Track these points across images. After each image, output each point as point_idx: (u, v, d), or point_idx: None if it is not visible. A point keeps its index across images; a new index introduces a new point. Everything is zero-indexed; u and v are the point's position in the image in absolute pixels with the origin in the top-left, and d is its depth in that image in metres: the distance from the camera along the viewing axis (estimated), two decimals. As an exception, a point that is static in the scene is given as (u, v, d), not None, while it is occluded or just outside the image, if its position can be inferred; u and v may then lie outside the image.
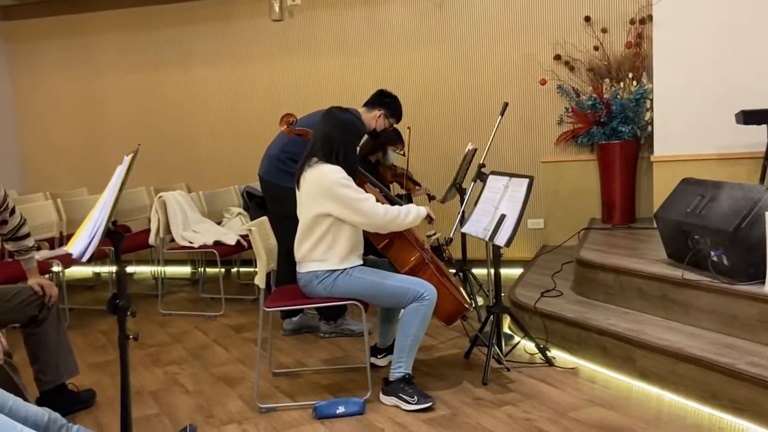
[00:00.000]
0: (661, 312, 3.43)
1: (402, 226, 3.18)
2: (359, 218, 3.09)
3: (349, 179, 3.11)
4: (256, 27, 6.33)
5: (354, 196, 3.07)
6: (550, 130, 5.68)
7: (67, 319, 4.64)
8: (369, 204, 3.08)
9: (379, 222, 3.11)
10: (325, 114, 3.30)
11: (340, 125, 3.22)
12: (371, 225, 3.13)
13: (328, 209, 3.08)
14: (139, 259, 6.39)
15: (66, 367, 3.13)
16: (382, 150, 4.67)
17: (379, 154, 4.69)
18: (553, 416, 2.88)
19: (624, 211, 5.21)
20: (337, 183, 3.07)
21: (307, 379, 3.52)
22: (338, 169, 3.11)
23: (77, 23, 6.77)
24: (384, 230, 3.18)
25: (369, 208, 3.08)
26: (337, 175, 3.09)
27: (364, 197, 3.09)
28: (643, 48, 5.23)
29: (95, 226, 1.99)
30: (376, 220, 3.10)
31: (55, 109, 6.94)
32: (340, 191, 3.05)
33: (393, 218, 3.13)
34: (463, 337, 3.97)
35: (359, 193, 3.09)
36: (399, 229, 3.19)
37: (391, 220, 3.12)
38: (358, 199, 3.07)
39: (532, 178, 3.33)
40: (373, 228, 3.16)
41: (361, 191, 3.12)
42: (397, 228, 3.18)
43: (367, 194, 3.12)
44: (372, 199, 3.10)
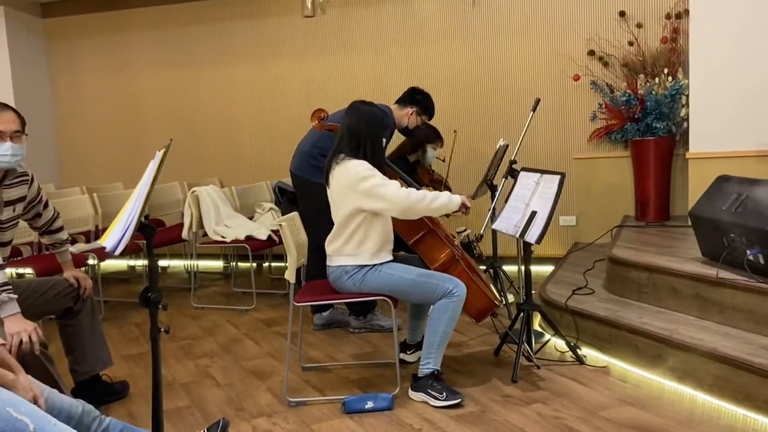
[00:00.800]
0: (695, 311, 3.37)
1: (429, 211, 3.08)
2: (383, 204, 3.03)
3: (373, 170, 3.08)
4: (288, 23, 6.37)
5: (376, 182, 3.03)
6: (582, 127, 5.61)
7: (102, 311, 4.73)
8: (391, 188, 3.02)
9: (404, 205, 3.02)
10: (349, 109, 3.28)
11: (364, 119, 3.20)
12: (396, 210, 3.04)
13: (357, 204, 3.08)
14: (173, 253, 6.49)
15: (100, 358, 3.19)
16: (421, 148, 4.64)
17: (419, 152, 4.66)
18: (584, 415, 2.85)
19: (658, 209, 5.13)
20: (360, 177, 3.05)
21: (336, 373, 3.53)
22: (362, 162, 3.10)
23: (114, 20, 6.88)
24: (411, 214, 3.09)
25: (391, 193, 3.02)
26: (360, 168, 3.07)
27: (386, 183, 3.04)
28: (679, 43, 5.13)
29: (128, 220, 2.02)
30: (399, 204, 3.01)
31: (92, 104, 7.07)
32: (364, 184, 3.04)
33: (417, 200, 3.03)
34: (492, 334, 3.95)
35: (382, 180, 3.05)
36: (427, 213, 3.10)
37: (416, 201, 3.02)
38: (379, 185, 3.02)
39: (563, 174, 3.29)
40: (399, 213, 3.06)
41: (385, 178, 3.07)
42: (424, 212, 3.08)
43: (389, 180, 3.07)
44: (395, 184, 3.05)
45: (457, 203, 3.14)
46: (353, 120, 3.20)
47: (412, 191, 3.06)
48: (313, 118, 3.82)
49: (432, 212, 3.12)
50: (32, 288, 3.01)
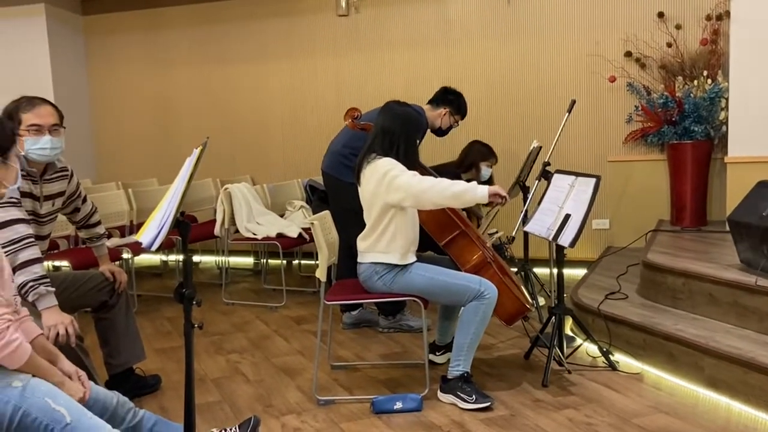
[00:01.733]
0: (732, 319, 3.30)
1: (444, 198, 2.93)
2: (399, 194, 2.97)
3: (394, 162, 3.05)
4: (322, 22, 6.39)
5: (394, 174, 2.99)
6: (618, 129, 5.54)
7: (135, 305, 4.80)
8: (404, 177, 2.96)
9: (413, 191, 2.93)
10: (383, 108, 3.27)
11: (398, 119, 3.18)
12: (410, 198, 2.96)
13: (386, 200, 3.07)
14: (205, 249, 6.56)
15: (134, 351, 3.24)
16: (475, 167, 4.62)
17: (473, 171, 4.63)
18: (616, 422, 2.81)
19: (695, 214, 5.04)
20: (383, 172, 3.03)
21: (365, 373, 3.53)
22: (390, 160, 3.07)
23: (151, 17, 6.97)
24: (424, 202, 2.97)
25: (404, 181, 2.95)
26: (387, 165, 3.05)
27: (400, 173, 2.98)
28: (719, 45, 5.04)
29: (164, 217, 2.04)
30: (410, 191, 2.94)
31: (128, 101, 7.17)
32: (385, 179, 3.02)
33: (429, 186, 2.91)
34: (523, 338, 3.91)
35: (399, 171, 3.00)
36: (442, 201, 2.95)
37: (428, 188, 2.91)
38: (395, 176, 2.98)
39: (599, 178, 3.25)
40: (413, 202, 2.98)
41: (402, 168, 3.02)
42: (438, 198, 2.94)
43: (404, 171, 3.00)
44: (409, 173, 2.98)
45: (483, 194, 2.94)
46: (387, 120, 3.19)
47: (426, 178, 2.97)
48: (347, 117, 3.82)
49: (447, 200, 2.95)
50: (69, 281, 3.06)
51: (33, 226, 2.83)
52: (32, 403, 1.88)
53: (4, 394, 1.88)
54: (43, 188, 2.94)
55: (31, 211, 2.89)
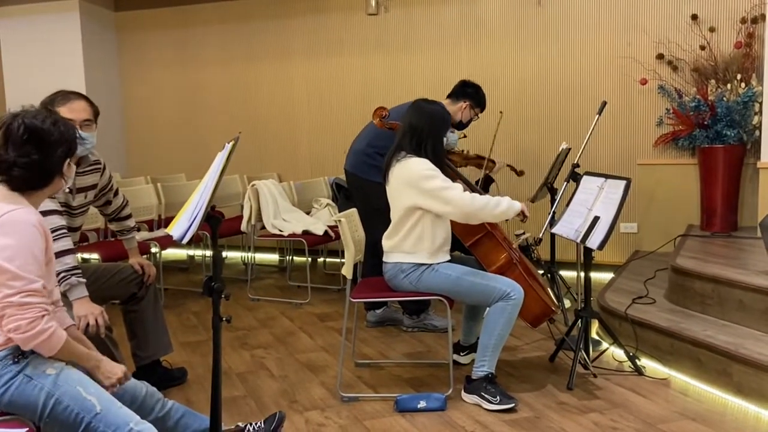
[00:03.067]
0: (763, 326, 3.25)
1: (493, 216, 3.07)
2: (447, 208, 3.03)
3: (435, 170, 3.08)
4: (351, 20, 6.40)
5: (440, 185, 3.03)
6: (648, 132, 5.47)
7: (162, 298, 4.85)
8: (455, 192, 3.02)
9: (468, 210, 3.02)
10: (412, 107, 3.27)
11: (427, 117, 3.19)
12: (459, 214, 3.04)
13: (417, 202, 3.07)
14: (231, 245, 6.61)
15: (161, 344, 3.28)
16: None
17: None
18: (642, 427, 2.78)
19: (725, 219, 4.97)
20: (423, 175, 3.05)
21: (389, 371, 3.54)
22: (424, 161, 3.09)
23: (182, 15, 7.04)
24: (473, 219, 3.08)
25: (455, 196, 3.01)
26: (422, 166, 3.07)
27: (449, 186, 3.04)
28: (753, 48, 4.96)
29: (195, 210, 2.07)
30: (464, 209, 3.01)
31: (158, 97, 7.25)
32: (427, 183, 3.03)
33: (482, 206, 3.02)
34: (548, 340, 3.89)
35: (445, 182, 3.05)
36: (489, 219, 3.08)
37: (480, 208, 3.02)
38: (444, 188, 3.02)
39: (629, 180, 3.22)
40: (461, 217, 3.06)
41: (448, 180, 3.08)
42: (487, 217, 3.07)
43: (453, 183, 3.07)
44: (459, 188, 3.05)
45: (517, 210, 3.11)
46: (415, 118, 3.20)
47: (476, 197, 3.05)
48: (375, 116, 3.83)
49: (494, 218, 3.10)
50: (99, 273, 3.10)
51: (65, 217, 2.88)
52: (65, 391, 1.92)
53: (38, 380, 1.91)
54: (76, 181, 2.98)
55: (64, 203, 2.94)
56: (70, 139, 2.04)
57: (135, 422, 1.94)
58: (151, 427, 1.95)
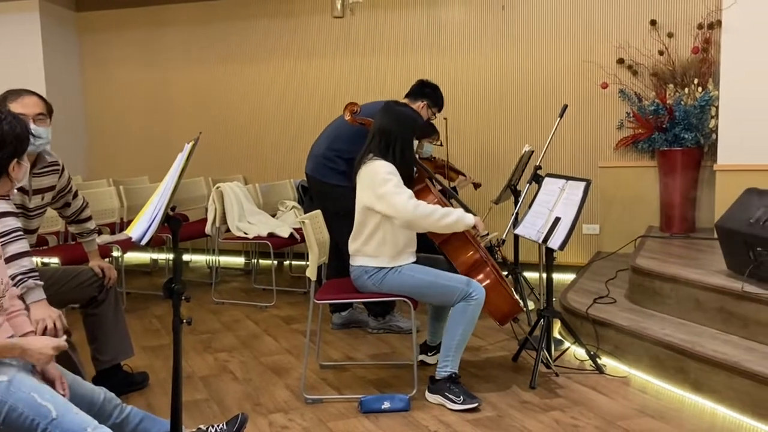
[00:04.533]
0: (718, 324, 3.33)
1: (437, 227, 3.05)
2: (390, 211, 3.02)
3: (393, 174, 3.07)
4: (317, 23, 6.40)
5: (389, 189, 3.02)
6: (609, 135, 5.57)
7: (124, 302, 4.78)
8: (400, 198, 2.99)
9: (408, 217, 2.99)
10: (382, 109, 3.28)
11: (395, 119, 3.20)
12: (400, 220, 3.02)
13: (371, 203, 3.08)
14: (195, 248, 6.55)
15: (122, 348, 3.23)
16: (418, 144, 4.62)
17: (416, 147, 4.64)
18: (602, 424, 2.82)
19: (683, 220, 5.08)
20: (380, 179, 3.04)
21: (354, 373, 3.54)
22: (386, 164, 3.09)
23: (146, 15, 6.96)
24: (415, 228, 3.08)
25: (398, 202, 2.99)
26: (383, 169, 3.07)
27: (398, 191, 3.02)
28: (710, 54, 5.08)
29: (155, 211, 2.05)
30: (405, 215, 2.99)
31: (122, 98, 7.15)
32: (381, 187, 3.03)
33: (425, 215, 3.00)
34: (511, 340, 3.93)
35: (397, 187, 3.03)
36: (433, 229, 3.07)
37: (422, 216, 3.00)
38: (391, 193, 3.01)
39: (589, 181, 3.28)
40: (403, 224, 3.04)
41: (401, 186, 3.05)
42: (431, 227, 3.06)
43: (403, 189, 3.05)
44: (406, 194, 3.03)
45: (469, 224, 3.09)
46: (385, 120, 3.20)
47: (421, 204, 3.03)
48: (346, 112, 3.82)
49: (439, 230, 3.08)
50: (58, 276, 3.05)
51: (21, 219, 2.82)
52: (19, 398, 1.88)
53: (-10, 388, 1.87)
54: (32, 182, 2.93)
55: (20, 204, 2.88)
56: (17, 139, 1.98)
57: (92, 427, 1.91)
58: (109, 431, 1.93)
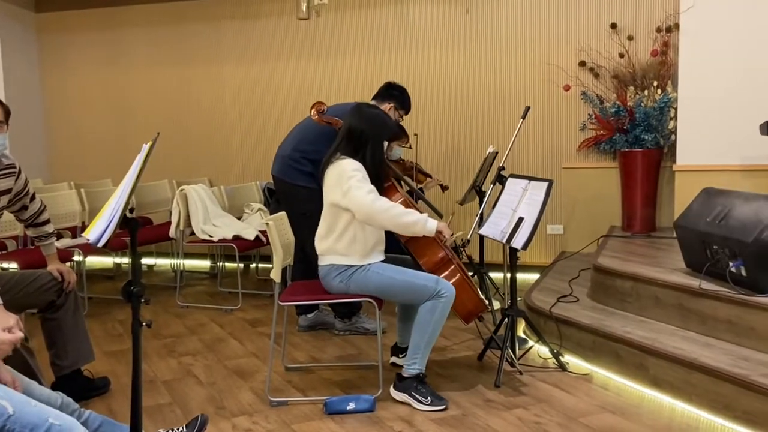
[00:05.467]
0: (677, 321, 3.40)
1: (395, 225, 3.03)
2: (350, 204, 3.02)
3: (360, 170, 3.07)
4: (282, 25, 6.37)
5: (351, 184, 3.01)
6: (572, 137, 5.65)
7: (86, 307, 4.70)
8: (359, 192, 2.99)
9: (366, 210, 2.98)
10: (353, 110, 3.28)
11: (366, 121, 3.20)
12: (359, 215, 3.02)
13: (339, 201, 3.08)
14: (160, 252, 6.47)
15: (82, 353, 3.18)
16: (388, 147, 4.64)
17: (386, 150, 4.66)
18: (564, 421, 2.86)
19: (644, 220, 5.17)
20: (346, 175, 3.04)
21: (320, 375, 3.53)
22: (353, 161, 3.10)
23: (107, 16, 6.86)
24: (373, 223, 3.05)
25: (357, 195, 2.98)
26: (349, 166, 3.07)
27: (359, 185, 3.01)
28: (668, 56, 5.18)
29: (112, 213, 2.02)
30: (362, 208, 2.99)
31: (83, 100, 7.04)
32: (345, 183, 3.03)
33: (382, 210, 2.98)
34: (477, 339, 3.96)
35: (360, 182, 3.03)
36: (391, 226, 3.05)
37: (380, 211, 2.98)
38: (352, 187, 3.01)
39: (551, 181, 3.32)
40: (362, 217, 3.03)
41: (364, 181, 3.05)
42: (388, 224, 3.03)
43: (365, 184, 3.04)
44: (366, 188, 3.02)
45: (431, 230, 3.05)
46: (356, 121, 3.20)
47: (381, 199, 3.03)
48: (313, 110, 3.81)
49: (397, 227, 3.06)
50: (15, 280, 2.99)
51: (-23, 223, 2.77)
52: (-28, 400, 1.84)
53: (-58, 392, 1.83)
54: (-12, 185, 2.87)
55: (-24, 208, 2.82)
56: None
57: (54, 416, 1.87)
58: (71, 420, 1.89)
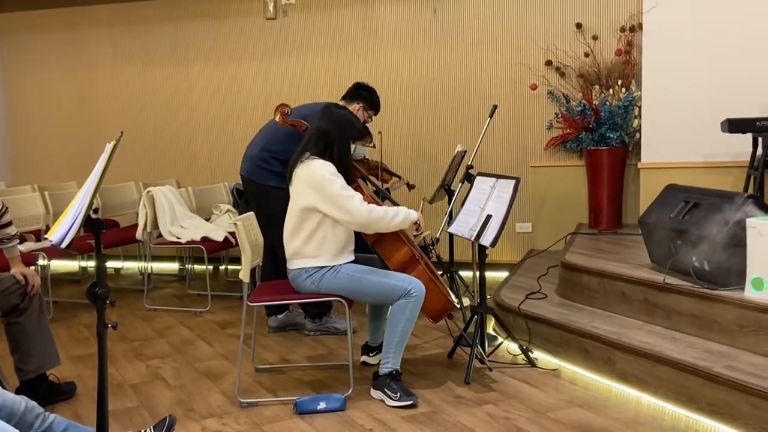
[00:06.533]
0: (643, 316, 3.45)
1: (388, 228, 3.14)
2: (344, 216, 3.07)
3: (338, 175, 3.10)
4: (249, 25, 6.34)
5: (340, 192, 3.06)
6: (539, 135, 5.70)
7: (51, 311, 4.63)
8: (354, 202, 3.05)
9: (364, 221, 3.08)
10: (322, 110, 3.29)
11: (335, 122, 3.21)
12: (355, 223, 3.10)
13: (317, 205, 3.08)
14: (127, 255, 6.38)
15: (47, 357, 3.13)
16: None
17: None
18: (533, 416, 2.89)
19: (611, 217, 5.24)
20: (326, 179, 3.06)
21: (290, 375, 3.52)
22: (328, 164, 3.11)
23: (70, 16, 6.75)
24: (368, 230, 3.15)
25: (354, 207, 3.05)
26: (325, 169, 3.08)
27: (350, 194, 3.07)
28: (632, 56, 5.26)
29: (75, 213, 1.99)
30: (359, 219, 3.07)
31: (46, 102, 6.92)
32: (328, 187, 3.05)
33: (378, 218, 3.09)
34: (447, 337, 3.97)
35: (346, 190, 3.08)
36: (384, 230, 3.16)
37: (376, 219, 3.09)
38: (343, 196, 3.05)
39: (518, 179, 3.35)
40: (357, 226, 3.13)
41: (348, 188, 3.11)
42: (383, 229, 3.15)
43: (353, 192, 3.11)
44: (358, 197, 3.08)
45: (413, 219, 3.20)
46: (324, 122, 3.21)
47: (374, 208, 3.09)
48: (276, 113, 3.80)
49: (390, 229, 3.17)
50: (-23, 284, 2.93)
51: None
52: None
53: None
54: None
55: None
56: None
57: None
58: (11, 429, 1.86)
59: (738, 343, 2.97)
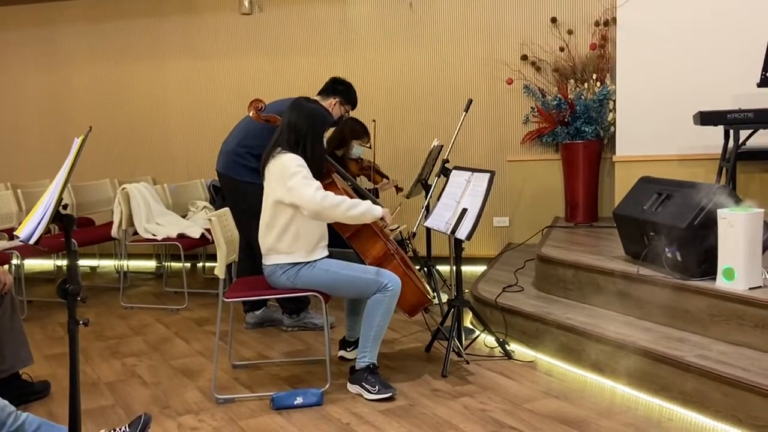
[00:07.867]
0: (617, 307, 3.49)
1: (346, 218, 3.06)
2: (296, 201, 3.01)
3: (303, 166, 3.07)
4: (224, 20, 6.29)
5: (298, 180, 3.01)
6: (516, 130, 5.73)
7: (25, 311, 4.57)
8: (307, 190, 2.99)
9: (316, 208, 2.99)
10: (292, 104, 3.27)
11: (306, 115, 3.19)
12: (308, 211, 3.02)
13: (282, 198, 3.06)
14: (103, 253, 6.32)
15: (19, 356, 3.09)
16: (346, 145, 4.66)
17: (344, 148, 4.68)
18: (509, 407, 2.91)
19: (587, 210, 5.29)
20: (290, 172, 3.03)
21: (267, 371, 3.51)
22: (296, 157, 3.09)
23: (43, 12, 6.66)
24: (323, 218, 3.08)
25: (305, 194, 2.98)
26: (293, 162, 3.06)
27: (306, 183, 3.01)
28: (607, 50, 5.30)
29: (44, 209, 1.97)
30: (312, 206, 2.99)
31: (21, 99, 6.82)
32: (290, 180, 3.02)
33: (332, 206, 3.00)
34: (425, 331, 3.99)
35: (305, 179, 3.02)
36: (341, 219, 3.08)
37: (329, 207, 3.00)
38: (299, 184, 3.00)
39: (493, 172, 3.37)
40: (311, 215, 3.04)
41: (309, 178, 3.05)
42: (339, 218, 3.06)
43: (312, 181, 3.05)
44: (315, 185, 3.03)
45: (377, 215, 3.11)
46: (294, 116, 3.19)
47: (329, 195, 3.02)
48: (250, 109, 3.78)
49: (347, 220, 3.09)
50: (-54, 283, 2.89)
51: None
52: None
53: None
54: None
55: None
56: None
57: None
58: None
59: (709, 332, 3.01)
